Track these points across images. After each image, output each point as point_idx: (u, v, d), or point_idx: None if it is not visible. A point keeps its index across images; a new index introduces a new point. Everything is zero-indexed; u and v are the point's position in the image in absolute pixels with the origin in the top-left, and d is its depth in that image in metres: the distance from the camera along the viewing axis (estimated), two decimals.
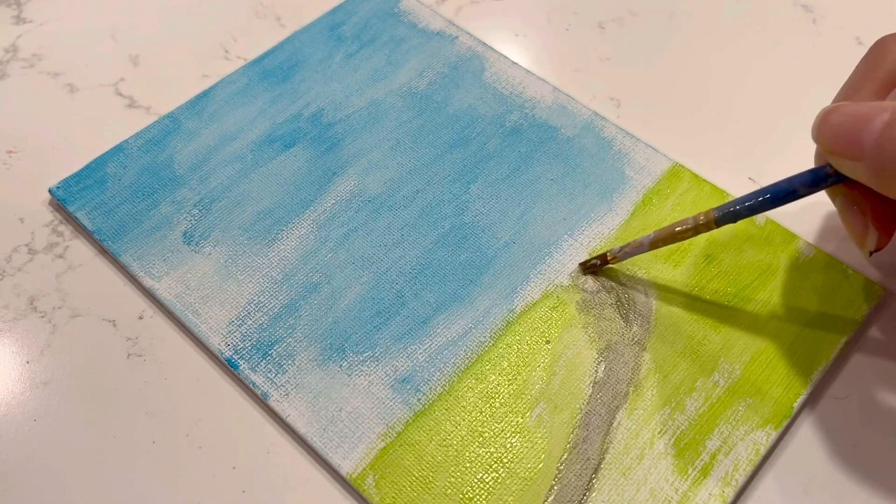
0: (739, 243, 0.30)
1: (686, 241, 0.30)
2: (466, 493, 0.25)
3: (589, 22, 0.39)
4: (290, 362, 0.28)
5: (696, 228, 0.27)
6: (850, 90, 0.26)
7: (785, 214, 0.31)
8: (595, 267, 0.30)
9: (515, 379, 0.27)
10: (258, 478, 0.26)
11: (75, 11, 0.39)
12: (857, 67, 0.26)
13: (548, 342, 0.28)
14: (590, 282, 0.30)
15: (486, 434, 0.26)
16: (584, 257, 0.30)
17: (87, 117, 0.35)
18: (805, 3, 0.39)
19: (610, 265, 0.29)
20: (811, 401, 0.27)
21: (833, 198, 0.27)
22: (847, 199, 0.26)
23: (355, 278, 0.30)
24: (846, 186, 0.25)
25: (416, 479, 0.26)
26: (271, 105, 0.35)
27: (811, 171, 0.25)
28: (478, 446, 0.26)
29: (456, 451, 0.26)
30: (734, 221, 0.26)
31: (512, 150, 0.33)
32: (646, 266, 0.30)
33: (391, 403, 0.27)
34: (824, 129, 0.23)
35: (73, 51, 0.38)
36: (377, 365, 0.28)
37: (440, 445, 0.26)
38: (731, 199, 0.31)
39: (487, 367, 0.28)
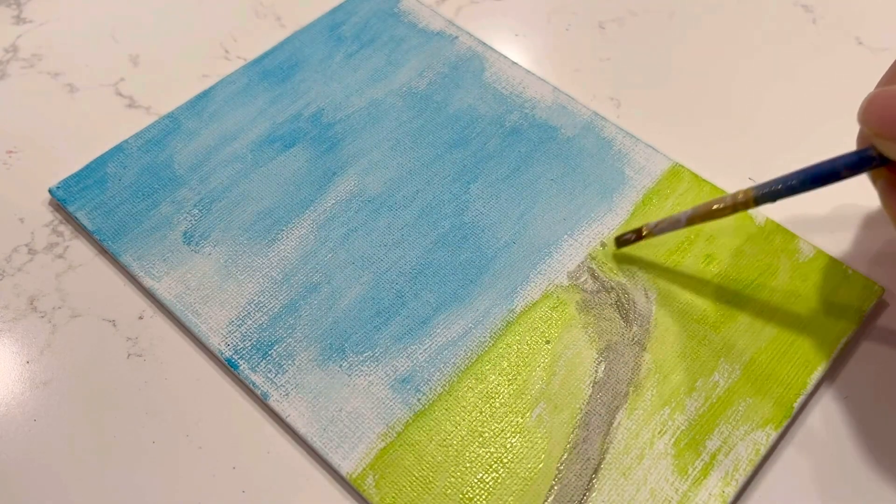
0: (739, 243, 0.30)
1: (686, 242, 0.30)
2: (466, 494, 0.25)
3: (589, 22, 0.39)
4: (290, 362, 0.28)
5: (735, 206, 0.26)
6: (893, 76, 0.25)
7: (785, 214, 0.31)
8: (629, 241, 0.30)
9: (515, 379, 0.27)
10: (258, 478, 0.26)
11: (75, 11, 0.39)
12: None
13: (548, 342, 0.28)
14: (590, 282, 0.30)
15: (486, 434, 0.26)
16: (584, 257, 0.30)
17: (87, 117, 0.35)
18: (805, 3, 0.39)
19: (644, 239, 0.29)
20: (811, 401, 0.27)
21: (874, 181, 0.26)
22: (889, 184, 0.25)
23: (355, 278, 0.30)
24: (889, 170, 0.25)
25: (416, 479, 0.26)
26: (271, 105, 0.35)
27: (855, 153, 0.24)
28: (478, 446, 0.26)
29: (456, 451, 0.26)
30: (773, 201, 0.26)
31: (512, 150, 0.33)
32: (646, 266, 0.30)
33: (391, 403, 0.27)
34: (871, 110, 0.23)
35: (73, 51, 0.38)
36: (377, 365, 0.28)
37: (440, 445, 0.26)
38: None
39: (487, 367, 0.28)
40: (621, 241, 0.30)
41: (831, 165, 0.24)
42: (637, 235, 0.29)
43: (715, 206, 0.27)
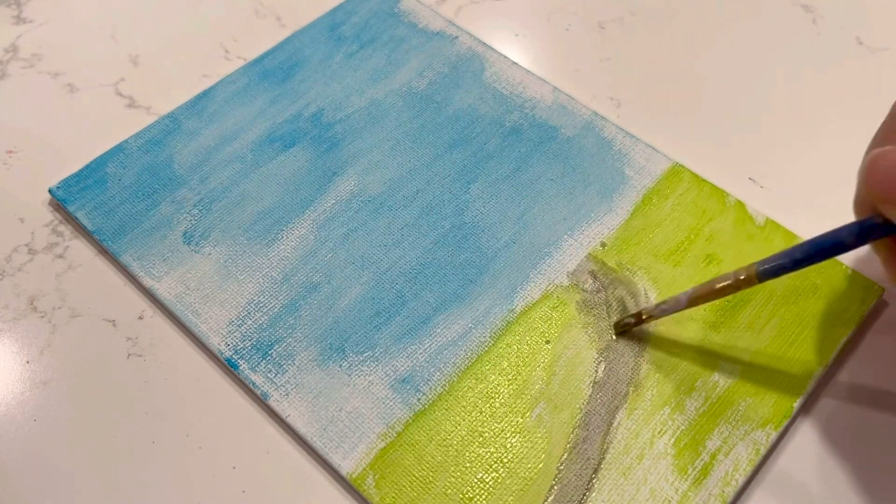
0: (739, 243, 0.30)
1: (686, 242, 0.30)
2: (466, 494, 0.25)
3: (589, 22, 0.39)
4: (290, 362, 0.28)
5: (738, 285, 0.25)
6: (887, 135, 0.24)
7: (784, 214, 0.31)
8: (629, 326, 0.28)
9: (515, 379, 0.27)
10: (258, 478, 0.26)
11: (75, 11, 0.39)
12: (891, 113, 0.24)
13: (548, 342, 0.28)
14: (590, 281, 0.30)
15: (486, 434, 0.26)
16: (584, 257, 0.30)
17: (87, 117, 0.35)
18: (805, 3, 0.39)
19: (645, 323, 0.28)
20: (811, 401, 0.27)
21: (876, 250, 0.25)
22: (893, 254, 0.24)
23: (355, 278, 0.30)
24: (893, 240, 0.24)
25: (417, 479, 0.26)
26: (271, 105, 0.35)
27: (859, 223, 0.23)
28: (478, 446, 0.26)
29: (456, 451, 0.26)
30: (777, 276, 0.25)
31: (512, 150, 0.33)
32: (646, 266, 0.30)
33: (391, 403, 0.27)
34: (876, 176, 0.21)
35: (73, 51, 0.38)
36: (377, 365, 0.28)
37: (440, 445, 0.26)
38: (730, 199, 0.31)
39: (487, 367, 0.28)
40: (621, 326, 0.28)
41: (835, 236, 0.23)
42: (637, 320, 0.28)
43: (718, 286, 0.26)
